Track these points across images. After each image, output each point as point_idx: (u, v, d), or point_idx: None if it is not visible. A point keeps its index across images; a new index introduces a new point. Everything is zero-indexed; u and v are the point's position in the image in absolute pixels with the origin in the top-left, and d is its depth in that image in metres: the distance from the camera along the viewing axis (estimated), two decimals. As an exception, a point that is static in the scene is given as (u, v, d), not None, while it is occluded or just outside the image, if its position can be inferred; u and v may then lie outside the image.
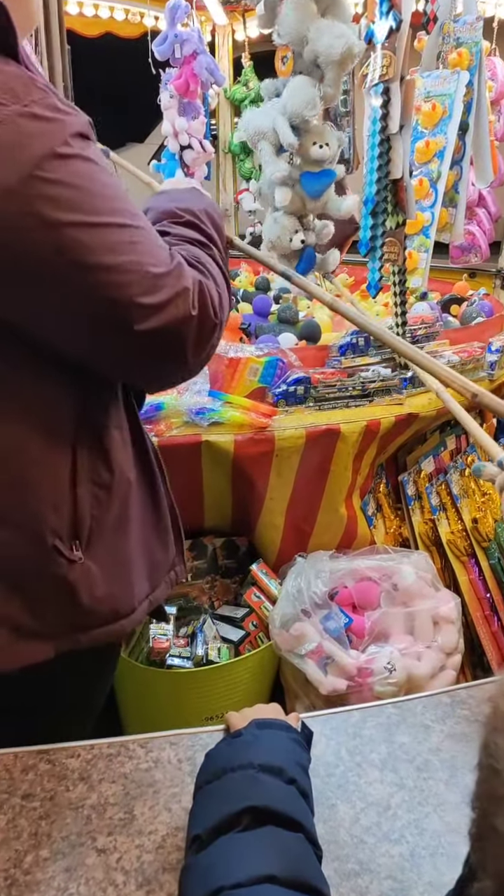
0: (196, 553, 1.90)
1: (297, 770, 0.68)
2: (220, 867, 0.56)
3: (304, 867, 0.57)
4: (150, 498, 0.98)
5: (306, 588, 1.68)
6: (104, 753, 0.81)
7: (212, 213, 0.94)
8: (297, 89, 1.44)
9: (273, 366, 1.70)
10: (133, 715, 1.76)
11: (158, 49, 2.52)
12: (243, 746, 0.70)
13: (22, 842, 0.71)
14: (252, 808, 0.61)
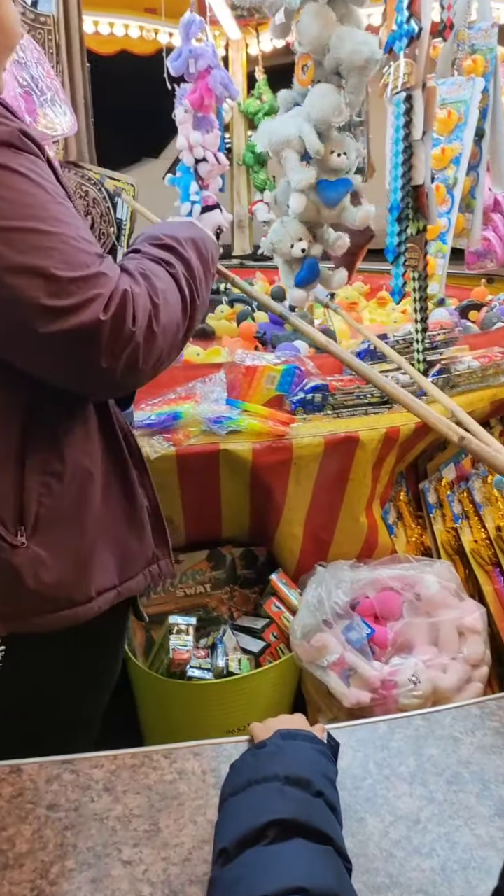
0: (214, 563, 1.89)
1: (324, 782, 0.67)
2: (247, 880, 0.55)
3: (333, 880, 0.56)
4: (121, 490, 1.01)
5: (327, 598, 1.66)
6: (128, 764, 0.81)
7: (198, 242, 1.00)
8: (321, 96, 1.44)
9: (290, 374, 1.69)
10: (154, 727, 1.75)
11: (173, 65, 2.55)
12: (268, 758, 0.69)
13: (48, 852, 0.71)
14: (279, 820, 0.59)
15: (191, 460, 1.60)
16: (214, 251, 1.07)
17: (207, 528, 1.85)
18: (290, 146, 1.50)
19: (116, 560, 1.00)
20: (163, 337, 0.87)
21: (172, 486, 1.66)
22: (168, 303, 0.88)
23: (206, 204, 2.81)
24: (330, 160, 1.54)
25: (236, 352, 1.76)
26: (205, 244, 1.02)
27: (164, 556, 1.09)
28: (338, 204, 1.58)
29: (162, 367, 0.93)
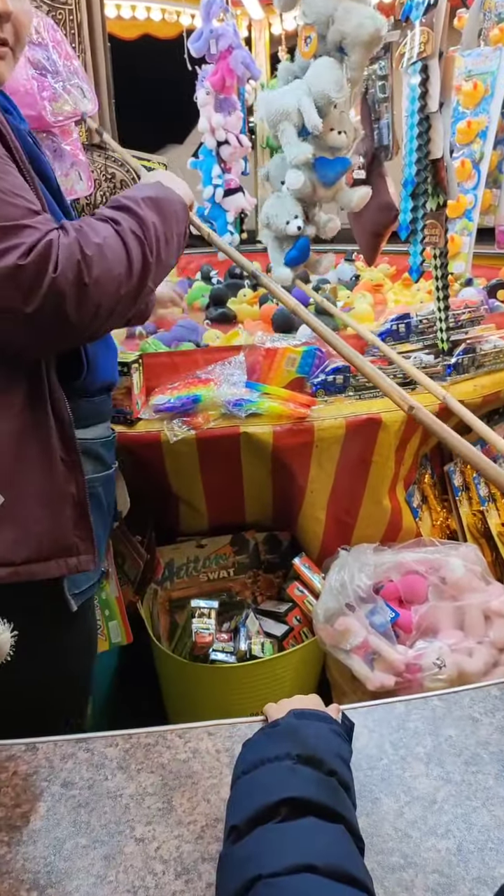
0: (238, 548, 1.89)
1: (338, 761, 0.66)
2: (257, 857, 0.54)
3: (344, 858, 0.55)
4: (38, 469, 0.97)
5: (350, 582, 1.64)
6: (142, 743, 0.81)
7: (160, 201, 1.02)
8: (323, 70, 1.40)
9: (311, 355, 1.67)
10: (177, 711, 1.76)
11: (194, 46, 2.52)
12: (281, 737, 0.68)
13: (62, 829, 0.71)
14: (290, 799, 0.59)
15: (211, 444, 1.59)
16: (181, 209, 1.06)
17: (230, 512, 1.84)
18: (289, 119, 1.47)
19: (18, 537, 0.96)
20: (96, 288, 0.87)
21: (193, 471, 1.66)
22: (105, 256, 0.88)
23: (228, 187, 2.79)
24: (328, 137, 1.50)
25: (256, 334, 1.74)
26: (169, 203, 1.03)
27: (87, 550, 1.03)
28: (335, 183, 1.54)
29: (102, 321, 0.92)
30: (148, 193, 1.02)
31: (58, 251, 0.84)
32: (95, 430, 1.14)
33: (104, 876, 0.66)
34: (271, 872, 0.51)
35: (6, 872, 0.67)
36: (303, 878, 0.51)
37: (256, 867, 0.52)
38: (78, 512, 1.01)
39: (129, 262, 0.92)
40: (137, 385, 1.61)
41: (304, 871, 0.52)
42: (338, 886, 0.51)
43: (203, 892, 0.64)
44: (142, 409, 1.64)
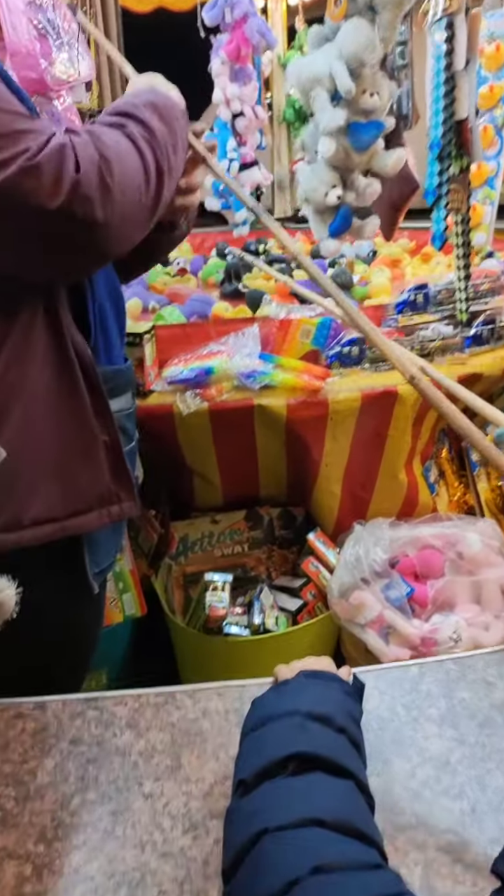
0: (252, 523, 1.88)
1: (348, 720, 0.64)
2: (264, 811, 0.53)
3: (353, 813, 0.53)
4: (69, 418, 0.94)
5: (365, 556, 1.63)
6: (151, 702, 0.80)
7: (158, 106, 0.94)
8: (354, 31, 1.37)
9: (326, 327, 1.64)
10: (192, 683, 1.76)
11: (208, 14, 2.48)
12: (290, 695, 0.67)
13: (69, 784, 0.71)
14: (298, 754, 0.57)
15: (224, 416, 1.58)
16: (181, 115, 0.98)
17: (244, 487, 1.83)
18: (320, 84, 1.43)
19: (60, 491, 0.93)
20: (121, 193, 0.82)
21: (206, 443, 1.64)
22: (122, 159, 0.83)
23: (244, 161, 2.75)
24: (361, 101, 1.46)
25: (270, 305, 1.71)
26: (170, 108, 0.95)
27: (128, 497, 1.00)
28: (369, 148, 1.50)
29: (129, 231, 0.86)
30: (147, 98, 0.94)
31: (74, 150, 0.78)
32: (117, 402, 1.07)
33: (111, 831, 0.66)
34: (278, 826, 0.51)
35: (13, 826, 0.67)
36: (309, 831, 0.50)
37: (263, 820, 0.52)
38: (114, 459, 0.99)
39: (145, 167, 0.86)
40: (150, 356, 1.60)
41: (312, 824, 0.51)
42: (345, 840, 0.50)
43: (211, 847, 0.64)
44: (154, 381, 1.63)
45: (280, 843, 0.49)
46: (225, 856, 0.52)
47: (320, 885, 0.43)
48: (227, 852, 0.52)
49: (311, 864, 0.45)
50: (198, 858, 0.62)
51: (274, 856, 0.47)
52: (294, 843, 0.49)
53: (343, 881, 0.44)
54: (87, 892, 0.60)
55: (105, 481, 0.98)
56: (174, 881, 0.61)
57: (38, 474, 0.91)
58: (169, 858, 0.63)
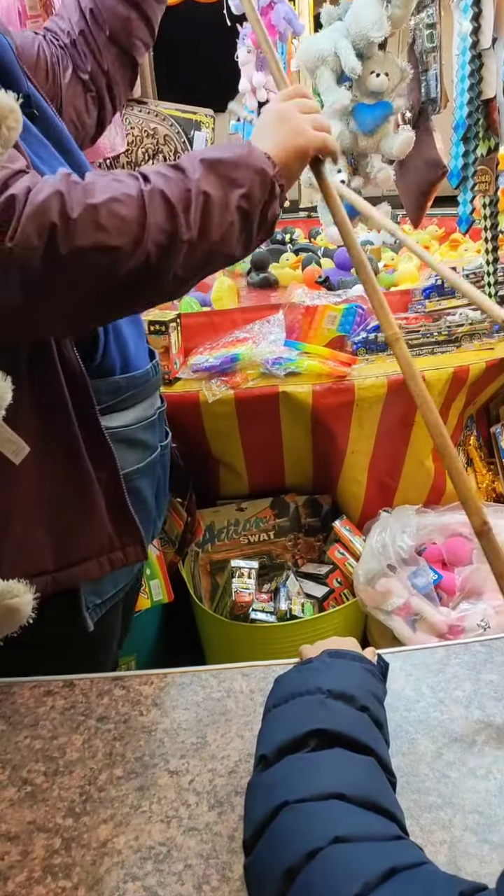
0: (278, 511, 1.88)
1: (370, 699, 0.64)
2: (285, 784, 0.54)
3: (373, 788, 0.53)
4: (63, 470, 0.84)
5: (391, 543, 1.62)
6: (177, 682, 0.81)
7: (219, 162, 0.75)
8: (362, 8, 1.35)
9: (352, 313, 1.63)
10: (219, 669, 1.77)
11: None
12: (313, 673, 0.67)
13: (97, 761, 0.72)
14: (320, 730, 0.57)
15: (250, 403, 1.58)
16: (256, 179, 0.75)
17: (270, 474, 1.83)
18: (325, 63, 1.42)
19: (51, 544, 0.85)
20: (77, 261, 0.68)
21: (232, 431, 1.65)
22: (98, 221, 0.68)
23: (269, 150, 2.73)
24: (369, 81, 1.44)
25: (296, 291, 1.71)
26: (228, 163, 0.75)
27: (133, 542, 0.91)
28: (376, 130, 1.48)
29: (87, 306, 0.74)
30: (214, 154, 0.76)
31: (21, 212, 0.65)
32: (132, 412, 0.95)
33: (138, 806, 0.67)
34: (298, 798, 0.51)
35: (43, 800, 0.68)
36: (330, 803, 0.50)
37: (283, 793, 0.52)
38: (113, 499, 0.89)
39: (142, 232, 0.70)
40: (176, 344, 1.61)
41: (332, 798, 0.51)
42: (366, 813, 0.50)
43: (236, 823, 0.64)
44: (180, 369, 1.63)
45: (300, 815, 0.49)
46: (246, 828, 0.53)
47: (341, 854, 0.43)
48: (247, 825, 0.53)
49: (332, 834, 0.45)
50: (223, 834, 0.63)
51: (294, 827, 0.47)
52: (314, 815, 0.49)
53: (364, 850, 0.44)
54: (114, 865, 0.61)
55: (103, 527, 0.88)
56: (199, 856, 0.61)
57: (24, 524, 0.83)
58: (194, 833, 0.63)
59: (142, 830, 0.64)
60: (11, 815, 0.66)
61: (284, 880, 0.43)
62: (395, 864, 0.41)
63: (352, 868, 0.42)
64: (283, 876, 0.44)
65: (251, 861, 0.49)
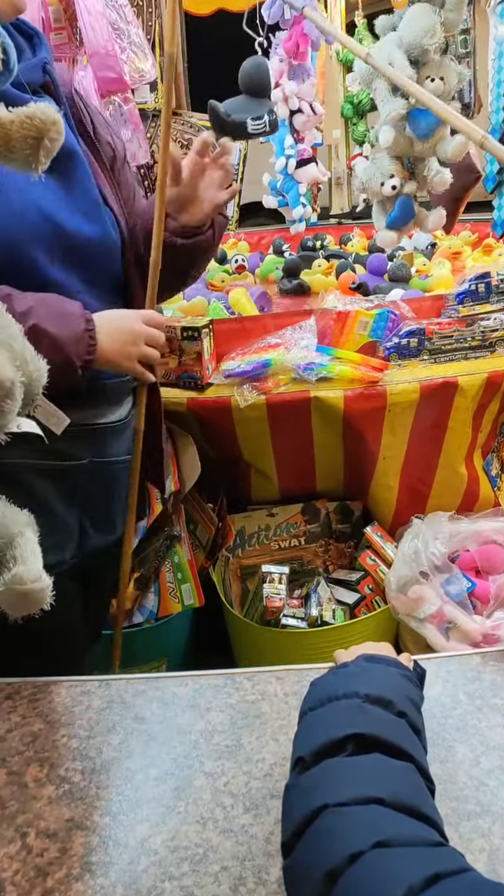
0: (309, 517, 1.88)
1: (408, 704, 0.64)
2: (323, 787, 0.53)
3: (413, 794, 0.53)
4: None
5: (424, 549, 1.60)
6: (211, 684, 0.81)
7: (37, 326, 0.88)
8: (415, 16, 1.36)
9: (384, 318, 1.62)
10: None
11: (268, 11, 2.48)
12: (350, 677, 0.67)
13: (133, 760, 0.72)
14: (357, 735, 0.57)
15: (281, 409, 1.58)
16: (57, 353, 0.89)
17: (301, 480, 1.83)
18: (380, 75, 1.42)
19: None
20: None
21: (263, 436, 1.65)
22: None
23: (301, 158, 2.74)
24: (424, 86, 1.44)
25: (327, 297, 1.71)
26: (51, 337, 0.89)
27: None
28: (431, 135, 1.47)
29: None
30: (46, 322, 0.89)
31: None
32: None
33: (174, 806, 0.67)
34: (338, 802, 0.50)
35: (80, 799, 0.69)
36: (370, 808, 0.50)
37: (323, 796, 0.52)
38: None
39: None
40: (208, 350, 1.62)
41: (372, 802, 0.50)
42: (406, 819, 0.50)
43: (272, 827, 0.64)
44: (212, 375, 1.64)
45: (340, 818, 0.49)
46: (284, 830, 0.53)
47: (383, 859, 0.43)
48: (286, 826, 0.53)
49: (374, 839, 0.44)
50: (259, 836, 0.63)
51: (335, 829, 0.47)
52: (355, 819, 0.49)
53: (407, 855, 0.43)
54: (151, 864, 0.61)
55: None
56: (235, 858, 0.61)
57: None
58: (230, 836, 0.63)
59: (178, 831, 0.64)
60: (50, 812, 0.67)
61: (325, 882, 0.43)
62: (438, 871, 0.41)
63: (395, 873, 0.42)
64: (323, 878, 0.44)
65: (290, 862, 0.49)
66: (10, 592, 0.68)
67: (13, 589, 0.68)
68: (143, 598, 1.63)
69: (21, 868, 0.61)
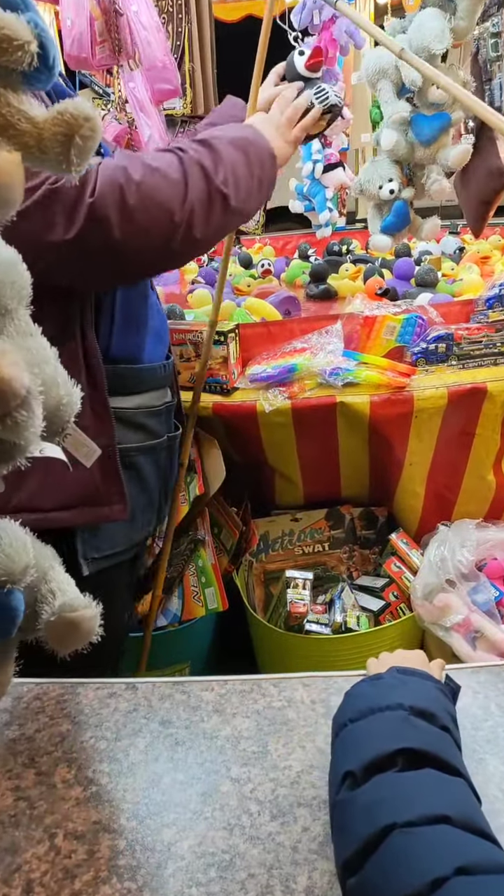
0: (333, 523, 1.87)
1: (449, 719, 0.63)
2: (384, 805, 0.52)
3: (474, 811, 0.52)
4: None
5: (450, 557, 1.58)
6: (237, 689, 0.81)
7: (245, 140, 1.03)
8: (425, 21, 1.34)
9: (412, 323, 1.61)
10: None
11: (297, 17, 2.49)
12: (389, 689, 0.66)
13: (160, 764, 0.72)
14: (409, 749, 0.56)
15: (307, 413, 1.58)
16: (267, 157, 1.06)
17: (326, 485, 1.82)
18: (386, 76, 1.41)
19: (44, 484, 0.97)
20: (143, 212, 0.88)
21: (289, 441, 1.65)
22: (154, 181, 0.89)
23: (328, 162, 2.74)
24: (429, 93, 1.43)
25: (353, 301, 1.70)
26: (256, 147, 1.04)
27: (118, 501, 1.04)
28: (433, 141, 1.46)
29: (155, 248, 0.92)
30: (236, 133, 1.03)
31: (95, 176, 0.85)
32: (139, 398, 1.11)
33: (201, 812, 0.67)
34: (406, 821, 0.50)
35: (108, 801, 0.69)
36: (441, 828, 0.49)
37: (388, 815, 0.51)
38: (106, 465, 1.01)
39: (185, 189, 0.92)
40: (234, 355, 1.62)
41: (440, 822, 0.50)
42: (478, 840, 0.49)
43: (298, 835, 0.64)
44: (238, 379, 1.64)
45: (413, 839, 0.48)
46: (344, 846, 0.52)
47: (468, 887, 0.43)
48: (346, 843, 0.52)
49: (455, 864, 0.44)
50: (286, 844, 0.63)
51: (410, 852, 0.47)
52: (427, 840, 0.48)
53: (488, 884, 0.43)
54: (178, 870, 0.61)
55: (93, 482, 1.01)
56: (262, 865, 0.61)
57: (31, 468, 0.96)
58: (257, 843, 0.63)
59: (205, 836, 0.64)
60: (77, 814, 0.67)
61: None
62: None
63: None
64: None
65: (360, 882, 0.49)
66: (60, 622, 0.67)
67: (64, 618, 0.67)
68: (167, 601, 1.64)
69: (49, 869, 0.62)
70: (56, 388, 0.65)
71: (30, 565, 0.64)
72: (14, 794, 0.70)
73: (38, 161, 0.55)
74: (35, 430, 0.55)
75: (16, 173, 0.55)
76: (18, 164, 0.55)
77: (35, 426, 0.54)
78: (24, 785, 0.71)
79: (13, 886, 0.60)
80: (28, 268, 0.66)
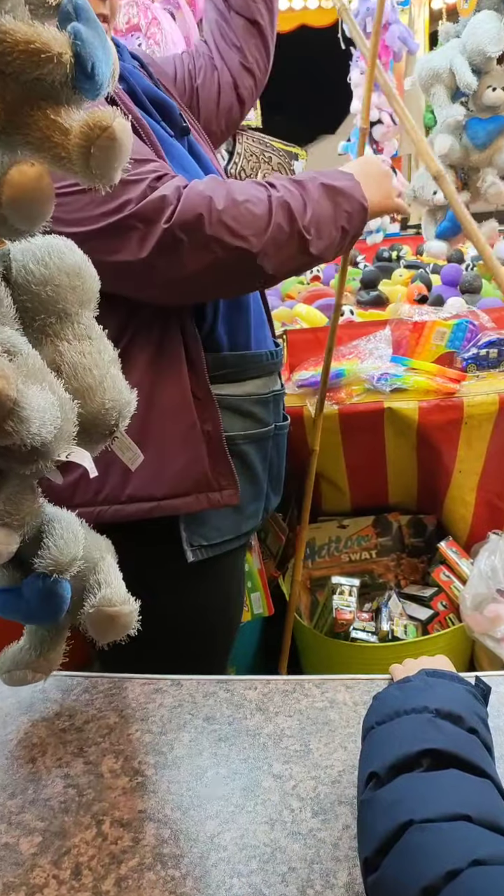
0: (380, 530, 1.86)
1: (477, 721, 0.62)
2: (406, 803, 0.53)
3: (497, 812, 0.52)
4: (167, 402, 1.01)
5: (501, 567, 1.55)
6: (280, 689, 0.82)
7: (337, 188, 1.00)
8: (480, 23, 1.34)
9: (462, 329, 1.60)
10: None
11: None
12: (416, 692, 0.66)
13: (203, 758, 0.74)
14: (432, 750, 0.56)
15: (354, 419, 1.58)
16: (356, 210, 1.03)
17: (373, 492, 1.81)
18: (440, 80, 1.42)
19: (156, 472, 0.99)
20: (218, 243, 0.90)
21: (335, 447, 1.65)
22: (237, 212, 0.90)
23: (379, 169, 2.74)
24: (485, 96, 1.42)
25: (402, 307, 1.70)
26: (347, 197, 1.01)
27: (230, 486, 1.05)
28: (489, 144, 1.45)
29: (221, 278, 0.95)
30: (331, 180, 1.01)
31: (175, 202, 0.87)
32: (246, 386, 1.12)
33: (243, 805, 0.68)
34: (424, 818, 0.50)
35: (153, 792, 0.71)
36: (459, 824, 0.49)
37: (407, 811, 0.51)
38: (214, 450, 1.03)
39: (267, 226, 0.93)
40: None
41: (459, 819, 0.50)
42: (494, 835, 0.49)
43: (340, 832, 0.64)
44: (285, 385, 1.66)
45: (430, 834, 0.48)
46: (365, 844, 0.52)
47: (482, 878, 0.43)
48: (367, 841, 0.52)
49: (470, 856, 0.44)
50: (327, 841, 0.63)
51: (426, 846, 0.47)
52: (447, 835, 0.48)
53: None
54: (220, 860, 0.62)
55: (202, 466, 1.03)
56: (303, 860, 0.62)
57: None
58: (298, 838, 0.64)
59: (247, 830, 0.65)
60: (124, 802, 0.69)
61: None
62: None
63: (498, 893, 0.41)
64: (419, 895, 0.44)
65: (378, 878, 0.49)
66: (99, 615, 0.70)
67: (102, 611, 0.69)
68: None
69: (97, 854, 0.64)
70: (97, 394, 0.65)
71: (77, 557, 0.67)
72: (64, 781, 0.73)
73: (73, 174, 0.54)
74: (19, 439, 0.53)
75: (34, 187, 0.53)
76: (39, 178, 0.53)
77: (21, 437, 0.53)
78: (74, 773, 0.74)
79: (62, 868, 0.63)
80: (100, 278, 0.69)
